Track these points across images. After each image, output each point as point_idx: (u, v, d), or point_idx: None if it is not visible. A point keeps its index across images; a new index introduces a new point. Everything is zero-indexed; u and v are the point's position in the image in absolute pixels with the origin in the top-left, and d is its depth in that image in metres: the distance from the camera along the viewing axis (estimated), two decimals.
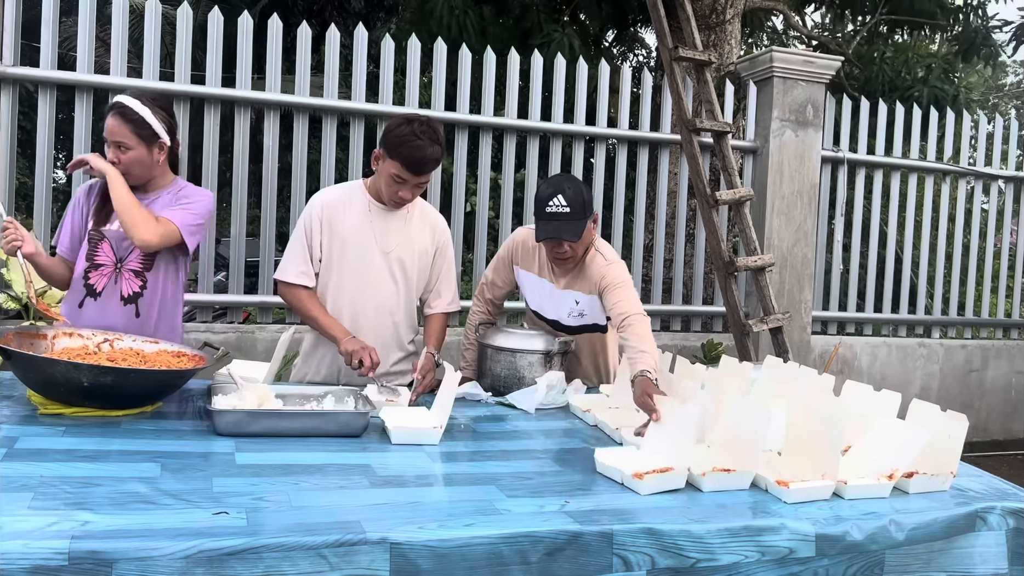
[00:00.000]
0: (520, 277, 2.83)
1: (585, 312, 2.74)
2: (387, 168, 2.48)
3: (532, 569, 1.39)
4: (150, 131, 2.42)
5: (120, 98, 2.42)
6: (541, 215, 2.55)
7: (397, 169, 2.45)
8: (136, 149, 2.41)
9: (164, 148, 2.47)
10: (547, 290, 2.76)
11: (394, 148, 2.44)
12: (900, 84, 7.58)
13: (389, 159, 2.46)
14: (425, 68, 5.37)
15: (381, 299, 2.63)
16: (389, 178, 2.48)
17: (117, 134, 2.39)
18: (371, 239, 2.59)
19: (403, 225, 2.63)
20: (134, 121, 2.40)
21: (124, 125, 2.39)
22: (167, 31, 5.00)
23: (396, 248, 2.61)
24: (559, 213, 2.51)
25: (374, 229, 2.60)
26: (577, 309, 2.73)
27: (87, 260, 2.46)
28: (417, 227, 2.67)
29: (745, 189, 4.55)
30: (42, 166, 4.05)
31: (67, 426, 1.85)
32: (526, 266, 2.79)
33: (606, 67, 5.06)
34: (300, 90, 4.36)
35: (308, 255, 2.59)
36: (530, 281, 2.79)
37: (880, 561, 1.60)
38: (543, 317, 2.83)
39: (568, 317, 2.76)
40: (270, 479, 1.58)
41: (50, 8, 3.96)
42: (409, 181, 2.48)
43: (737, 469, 1.71)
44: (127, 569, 1.19)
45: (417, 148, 2.41)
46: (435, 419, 2.04)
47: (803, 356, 5.18)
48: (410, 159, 2.43)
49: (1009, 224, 6.25)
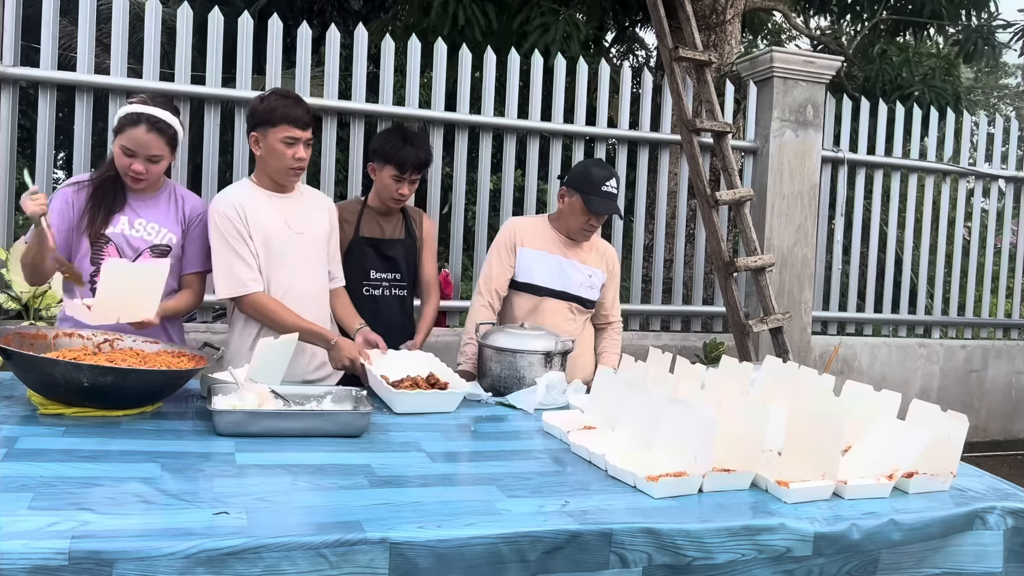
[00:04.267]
0: (524, 257, 2.96)
1: (595, 285, 3.01)
2: (274, 137, 2.53)
3: (530, 567, 1.39)
4: (177, 139, 2.46)
5: (148, 110, 2.39)
6: (598, 192, 2.85)
7: (286, 131, 2.53)
8: (166, 158, 2.45)
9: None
10: (556, 263, 2.96)
11: (271, 114, 2.53)
12: (900, 84, 7.57)
13: (270, 128, 2.53)
14: (425, 68, 5.37)
15: (318, 284, 2.72)
16: (282, 146, 2.54)
17: (153, 147, 2.39)
18: (284, 226, 2.62)
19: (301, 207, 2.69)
20: (167, 133, 2.41)
21: (159, 138, 2.40)
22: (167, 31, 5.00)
23: (304, 228, 2.67)
24: (613, 193, 2.88)
25: (283, 217, 2.63)
26: (589, 282, 2.99)
27: (92, 264, 2.45)
28: (312, 207, 2.73)
29: (745, 189, 4.55)
30: (42, 166, 4.05)
31: (67, 426, 1.85)
32: (532, 244, 2.96)
33: (606, 67, 5.06)
34: (300, 90, 4.35)
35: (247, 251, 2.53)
36: (536, 257, 2.96)
37: (875, 559, 1.60)
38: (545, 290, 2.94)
39: (580, 288, 2.98)
40: (270, 479, 1.58)
41: (50, 8, 3.97)
42: (300, 138, 2.55)
43: (737, 469, 1.71)
44: (127, 569, 1.19)
45: (290, 105, 2.54)
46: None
47: (803, 356, 5.18)
48: (291, 116, 2.52)
49: (1009, 224, 6.25)
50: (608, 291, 3.06)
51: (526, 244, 2.96)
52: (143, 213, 2.50)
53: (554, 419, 2.12)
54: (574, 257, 2.97)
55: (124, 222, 2.47)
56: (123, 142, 2.39)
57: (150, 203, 2.52)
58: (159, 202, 2.53)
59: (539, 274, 2.95)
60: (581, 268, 2.97)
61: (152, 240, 2.49)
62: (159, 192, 2.54)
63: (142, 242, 2.47)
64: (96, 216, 2.43)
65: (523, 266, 2.95)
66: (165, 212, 2.53)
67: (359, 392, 2.14)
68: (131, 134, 2.37)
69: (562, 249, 2.97)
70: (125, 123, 2.39)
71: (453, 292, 4.90)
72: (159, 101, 2.46)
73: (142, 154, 2.39)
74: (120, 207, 2.47)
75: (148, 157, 2.40)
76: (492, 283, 2.95)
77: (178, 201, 2.57)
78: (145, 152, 2.39)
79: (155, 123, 2.38)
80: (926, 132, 6.13)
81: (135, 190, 2.49)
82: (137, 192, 2.50)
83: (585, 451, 1.88)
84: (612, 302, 3.09)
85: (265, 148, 2.56)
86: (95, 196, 2.45)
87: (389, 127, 2.80)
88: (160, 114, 2.40)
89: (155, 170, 2.44)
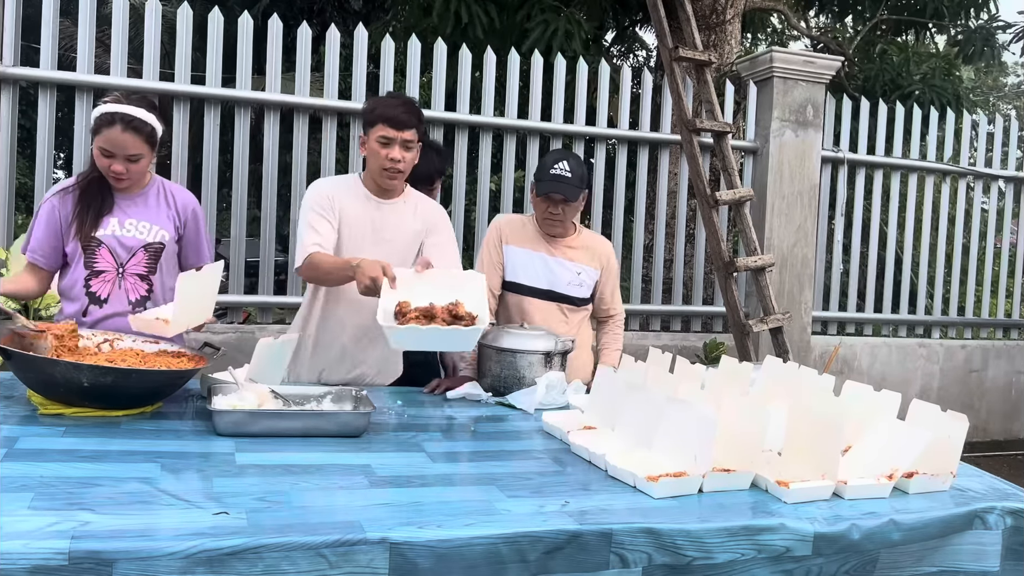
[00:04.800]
0: (510, 254, 2.91)
1: (584, 283, 2.93)
2: (372, 137, 2.57)
3: (530, 567, 1.39)
4: (156, 135, 2.41)
5: (123, 109, 2.33)
6: (545, 176, 2.79)
7: (381, 131, 2.54)
8: (146, 157, 2.40)
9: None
10: (541, 261, 2.90)
11: (371, 114, 2.57)
12: (900, 84, 7.57)
13: (371, 128, 2.57)
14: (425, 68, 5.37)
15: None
16: (377, 146, 2.56)
17: (130, 147, 2.35)
18: (369, 229, 2.64)
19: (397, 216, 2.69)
20: (143, 131, 2.36)
21: (136, 137, 2.35)
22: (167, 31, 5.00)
23: (392, 237, 2.67)
24: (563, 176, 2.77)
25: (372, 218, 2.65)
26: (578, 279, 2.92)
27: (86, 268, 2.42)
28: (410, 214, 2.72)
29: (745, 189, 4.55)
30: (42, 166, 4.05)
31: (67, 426, 1.85)
32: (516, 242, 2.91)
33: (606, 67, 5.06)
34: (300, 90, 4.36)
35: (326, 225, 2.55)
36: (521, 255, 2.91)
37: (874, 559, 1.60)
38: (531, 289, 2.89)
39: (567, 286, 2.91)
40: (270, 479, 1.58)
41: (50, 8, 3.97)
42: (395, 139, 2.54)
43: (737, 469, 1.71)
44: (127, 569, 1.19)
45: (390, 105, 2.56)
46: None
47: (803, 356, 5.18)
48: (387, 116, 2.53)
49: (1009, 224, 6.25)
50: (606, 286, 3.00)
51: (511, 242, 2.91)
52: (132, 212, 2.47)
53: (554, 419, 2.12)
54: (560, 255, 2.91)
55: (114, 223, 2.44)
56: (100, 143, 2.34)
57: (138, 201, 2.49)
58: (147, 200, 2.50)
59: (524, 273, 2.90)
60: (568, 265, 2.90)
61: (145, 239, 2.47)
62: (146, 189, 2.51)
63: (135, 241, 2.46)
64: (85, 220, 2.40)
65: (510, 265, 2.91)
66: (155, 209, 2.51)
67: (359, 392, 2.14)
68: (107, 135, 2.33)
69: (547, 247, 2.91)
70: (100, 123, 2.34)
71: None
72: (134, 98, 2.40)
73: (120, 154, 2.35)
74: (108, 209, 2.44)
75: (127, 157, 2.36)
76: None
77: (168, 197, 2.54)
78: (123, 152, 2.35)
79: (130, 122, 2.33)
80: (926, 132, 6.12)
81: (121, 190, 2.46)
82: (124, 192, 2.47)
83: (585, 451, 1.88)
84: (612, 295, 3.03)
85: (367, 149, 2.61)
86: (82, 200, 2.41)
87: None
88: (135, 112, 2.34)
89: (136, 169, 2.39)
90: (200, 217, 2.62)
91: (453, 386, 2.55)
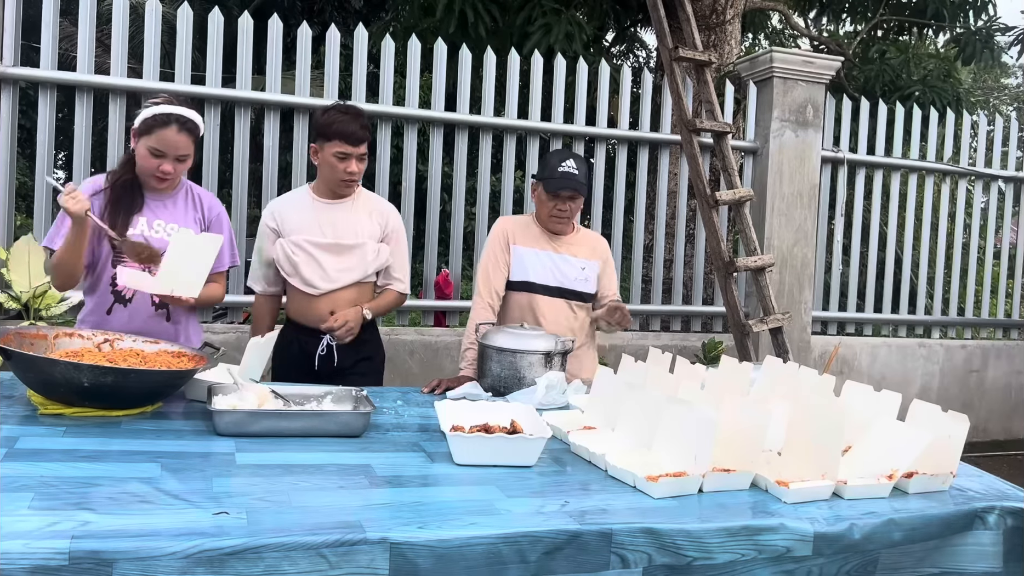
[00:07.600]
0: (518, 254, 2.96)
1: (589, 278, 3.00)
2: (328, 151, 2.70)
3: (530, 567, 1.39)
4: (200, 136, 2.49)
5: (177, 110, 2.40)
6: (553, 174, 2.86)
7: (338, 147, 2.67)
8: (191, 157, 2.47)
9: None
10: (549, 259, 2.96)
11: (327, 129, 2.69)
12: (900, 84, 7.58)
13: (326, 142, 2.70)
14: (425, 69, 5.37)
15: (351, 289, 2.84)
16: (335, 160, 2.69)
17: (182, 147, 2.42)
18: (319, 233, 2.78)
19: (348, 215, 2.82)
20: (195, 132, 2.44)
21: (188, 137, 2.42)
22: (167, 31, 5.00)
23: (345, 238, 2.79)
24: (571, 173, 2.86)
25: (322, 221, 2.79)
26: (583, 275, 2.99)
27: (113, 266, 2.44)
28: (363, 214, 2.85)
29: (745, 189, 4.55)
30: (42, 166, 4.05)
31: (67, 426, 1.85)
32: (524, 242, 2.96)
33: (606, 67, 5.06)
34: (300, 90, 4.36)
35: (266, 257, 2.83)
36: (530, 255, 2.96)
37: (875, 559, 1.60)
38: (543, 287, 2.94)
39: (575, 282, 2.98)
40: (270, 479, 1.58)
41: (50, 8, 3.97)
42: (352, 154, 2.68)
43: (737, 469, 1.71)
44: (127, 569, 1.19)
45: (345, 122, 2.67)
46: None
47: (803, 356, 5.19)
48: (344, 133, 2.66)
49: (1009, 224, 6.25)
50: (604, 279, 3.05)
51: (518, 242, 2.96)
52: (161, 214, 2.51)
53: (554, 419, 2.12)
54: (565, 251, 2.97)
55: (143, 224, 2.47)
56: (151, 143, 2.38)
57: (168, 203, 2.52)
58: (176, 202, 2.54)
59: (533, 271, 2.93)
60: (573, 262, 2.97)
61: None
62: (176, 192, 2.55)
63: (162, 243, 2.46)
64: (116, 220, 2.42)
65: (517, 264, 2.95)
66: (183, 212, 2.54)
67: (359, 392, 2.14)
68: (161, 135, 2.37)
69: (552, 245, 2.97)
70: (154, 124, 2.38)
71: (453, 292, 4.91)
72: (181, 100, 2.47)
73: (172, 154, 2.40)
74: (139, 209, 2.48)
75: (177, 157, 2.42)
76: (491, 283, 2.95)
77: (195, 200, 2.59)
78: (175, 152, 2.41)
79: (185, 123, 2.40)
80: (926, 133, 6.13)
81: (156, 190, 2.49)
82: (155, 193, 2.50)
83: (585, 451, 1.88)
84: (610, 286, 3.07)
85: (321, 160, 2.73)
86: (113, 200, 2.45)
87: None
88: (188, 113, 2.42)
89: (182, 169, 2.47)
90: (224, 221, 2.66)
91: (453, 386, 2.55)
